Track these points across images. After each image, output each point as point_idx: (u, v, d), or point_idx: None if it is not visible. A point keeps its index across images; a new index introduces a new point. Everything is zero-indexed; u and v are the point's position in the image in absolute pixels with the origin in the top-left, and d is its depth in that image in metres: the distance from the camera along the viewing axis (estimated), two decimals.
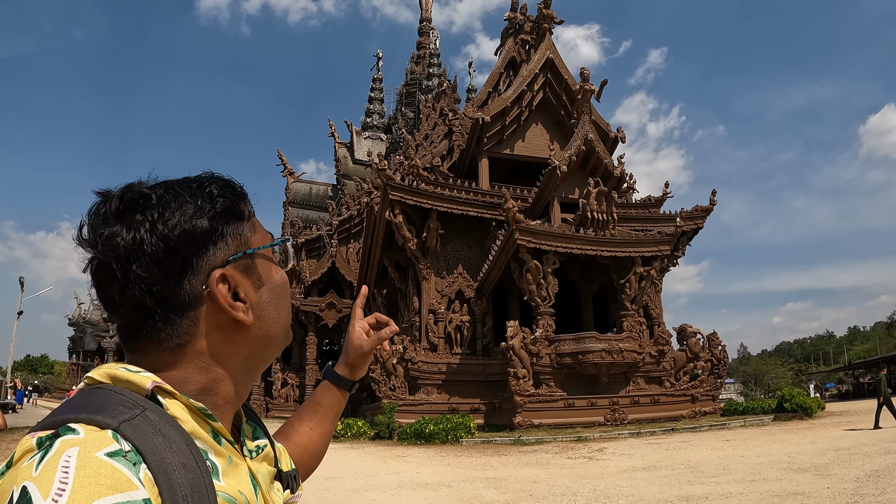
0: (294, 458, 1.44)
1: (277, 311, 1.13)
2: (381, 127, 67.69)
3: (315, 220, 55.98)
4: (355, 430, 24.84)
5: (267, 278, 1.13)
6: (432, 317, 29.16)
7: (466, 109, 36.35)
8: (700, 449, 16.47)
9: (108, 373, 0.98)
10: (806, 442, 16.41)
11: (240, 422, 1.19)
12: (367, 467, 15.83)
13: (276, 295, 1.14)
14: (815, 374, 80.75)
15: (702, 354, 27.60)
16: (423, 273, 29.87)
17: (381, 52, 72.90)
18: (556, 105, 34.72)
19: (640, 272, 27.06)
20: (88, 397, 0.93)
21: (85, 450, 0.80)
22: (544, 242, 25.89)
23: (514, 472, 14.12)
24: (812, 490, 9.62)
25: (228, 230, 1.10)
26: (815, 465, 12.06)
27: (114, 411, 0.88)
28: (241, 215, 1.14)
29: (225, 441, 1.03)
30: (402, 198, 28.87)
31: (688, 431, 21.53)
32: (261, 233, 1.17)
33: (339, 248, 48.20)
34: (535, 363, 24.52)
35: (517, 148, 34.51)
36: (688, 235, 32.97)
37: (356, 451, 19.97)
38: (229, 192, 1.13)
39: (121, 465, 0.80)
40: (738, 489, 10.15)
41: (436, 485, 12.39)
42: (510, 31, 38.37)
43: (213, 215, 1.09)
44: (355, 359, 1.65)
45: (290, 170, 61.88)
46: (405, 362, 27.20)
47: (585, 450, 17.82)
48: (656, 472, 12.87)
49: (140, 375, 0.98)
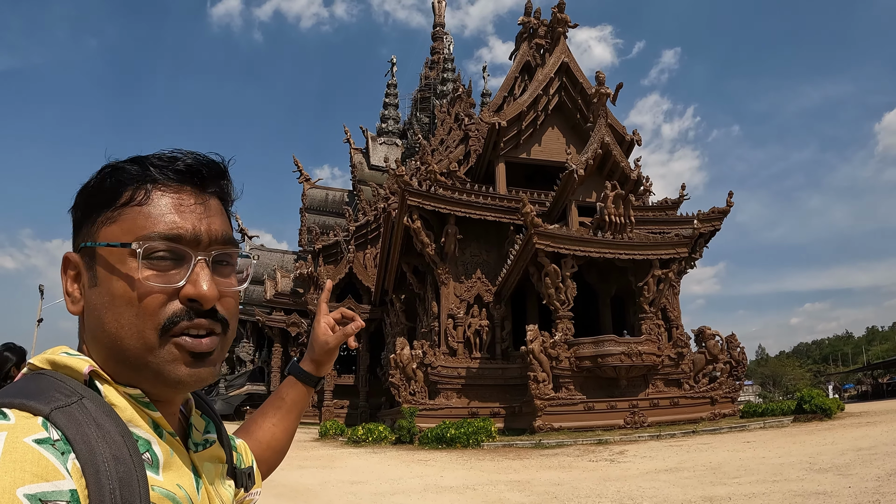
0: (256, 455, 1.44)
1: (118, 322, 0.98)
2: (396, 132, 67.85)
3: (332, 226, 56.16)
4: (376, 434, 25.00)
5: (104, 280, 1.00)
6: (451, 321, 29.27)
7: (482, 114, 36.52)
8: (721, 450, 16.51)
9: (48, 358, 0.98)
10: (826, 442, 16.42)
11: (189, 413, 1.16)
12: (390, 472, 15.95)
13: (112, 303, 0.99)
14: (833, 374, 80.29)
15: (720, 356, 27.58)
16: (442, 278, 30.01)
17: (395, 58, 73.08)
18: (571, 109, 34.80)
19: (657, 275, 27.09)
20: (28, 383, 0.92)
21: (13, 435, 0.79)
22: (562, 246, 25.99)
23: (536, 475, 14.23)
24: (833, 490, 9.70)
25: (94, 214, 1.04)
26: (835, 466, 12.11)
27: (48, 398, 0.87)
28: (110, 200, 1.04)
29: (166, 433, 1.02)
30: (420, 203, 29.06)
31: (708, 433, 21.54)
32: (126, 227, 1.01)
33: (357, 254, 48.33)
34: (555, 367, 24.60)
35: (534, 152, 34.62)
36: (705, 237, 32.91)
37: (378, 456, 20.11)
38: (113, 172, 1.05)
39: (48, 454, 0.79)
40: (760, 489, 10.25)
41: (460, 488, 12.52)
42: (524, 36, 38.51)
43: (85, 193, 1.07)
44: (321, 355, 1.62)
45: (306, 176, 62.09)
46: (425, 367, 27.35)
47: (607, 452, 17.90)
48: (678, 473, 12.96)
49: (77, 359, 0.97)
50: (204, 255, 1.03)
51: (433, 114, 60.92)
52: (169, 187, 1.04)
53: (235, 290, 1.10)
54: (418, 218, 29.39)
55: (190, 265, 1.02)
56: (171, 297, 1.00)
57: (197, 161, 1.08)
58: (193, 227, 1.03)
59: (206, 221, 1.06)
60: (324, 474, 15.41)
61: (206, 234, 1.04)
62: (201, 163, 1.09)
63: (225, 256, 1.09)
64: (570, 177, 28.09)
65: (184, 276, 1.01)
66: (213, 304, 1.02)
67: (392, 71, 72.84)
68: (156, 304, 0.98)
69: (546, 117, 34.38)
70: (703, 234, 32.24)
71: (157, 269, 0.99)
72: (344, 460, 19.02)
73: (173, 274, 1.00)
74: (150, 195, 1.02)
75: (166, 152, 1.08)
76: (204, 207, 1.07)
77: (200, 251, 1.03)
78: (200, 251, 1.03)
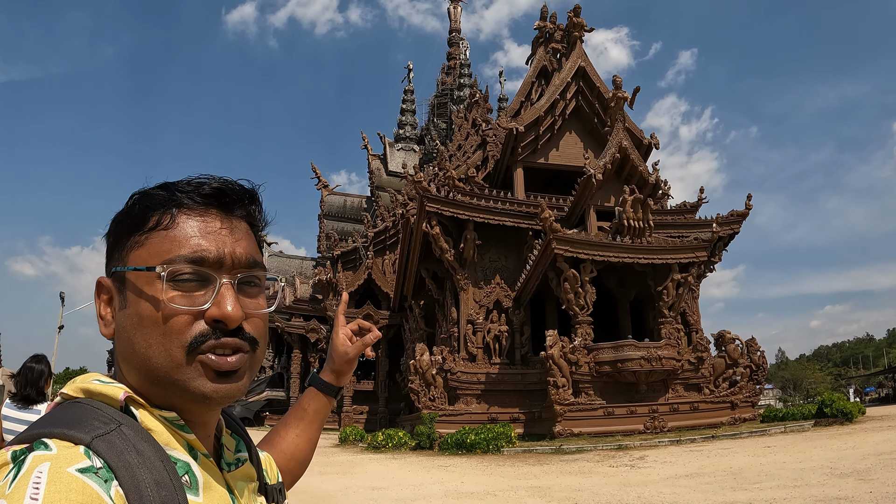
0: (280, 466, 1.45)
1: (146, 342, 1.00)
2: (413, 138, 68.00)
3: (350, 233, 56.29)
4: (396, 440, 25.05)
5: (133, 303, 1.02)
6: (471, 327, 29.32)
7: (500, 120, 36.53)
8: (741, 455, 16.45)
9: (81, 387, 0.99)
10: (847, 447, 16.33)
11: (220, 433, 1.17)
12: (411, 477, 16.01)
13: (140, 324, 1.01)
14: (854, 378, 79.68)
15: (741, 360, 27.40)
16: (461, 284, 30.06)
17: (411, 64, 73.30)
18: (588, 113, 34.79)
19: (677, 279, 27.04)
20: (65, 412, 0.94)
21: (56, 465, 0.80)
22: (581, 251, 26.00)
23: (557, 480, 14.24)
24: (855, 494, 9.68)
25: (123, 239, 1.07)
26: (857, 470, 12.06)
27: (87, 426, 0.88)
28: (138, 225, 1.06)
29: (200, 454, 1.04)
30: (438, 209, 29.14)
31: (728, 438, 21.46)
32: (152, 251, 1.04)
33: (375, 260, 48.44)
34: (574, 372, 24.57)
35: (551, 157, 34.63)
36: (724, 240, 32.78)
37: (398, 462, 20.17)
38: (142, 198, 1.08)
39: (92, 482, 0.80)
40: (781, 494, 10.23)
41: (481, 494, 12.56)
42: (540, 41, 38.50)
43: (116, 220, 1.10)
44: (341, 365, 1.65)
45: (324, 183, 62.28)
46: (444, 373, 27.36)
47: (627, 458, 17.87)
48: (699, 479, 12.94)
49: (112, 387, 0.99)
50: (229, 278, 1.05)
51: (450, 119, 61.01)
52: (195, 211, 1.07)
53: (263, 311, 1.11)
54: (437, 224, 29.47)
55: (215, 287, 1.03)
56: (197, 318, 1.01)
57: (224, 185, 1.10)
58: (217, 250, 1.04)
59: (231, 244, 1.07)
60: (345, 480, 15.49)
61: (230, 257, 1.06)
62: (228, 187, 1.11)
63: (251, 278, 1.10)
64: (588, 181, 28.10)
65: (209, 297, 1.02)
66: (237, 324, 1.03)
67: (409, 77, 73.08)
68: (181, 324, 1.00)
69: (563, 122, 34.39)
70: (723, 237, 32.11)
71: (182, 291, 1.01)
72: (364, 466, 19.10)
73: (199, 295, 1.02)
74: (175, 219, 1.05)
75: (195, 177, 1.10)
76: (230, 231, 1.08)
77: (225, 273, 1.05)
78: (225, 273, 1.05)
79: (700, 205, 34.70)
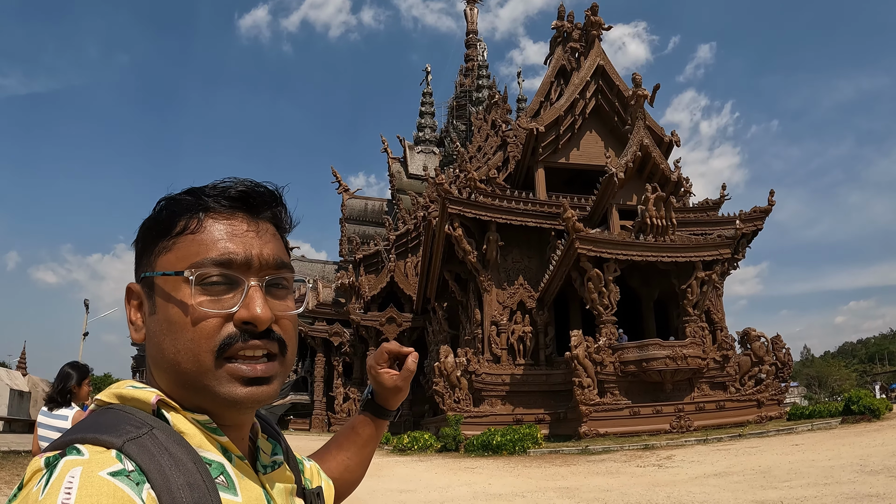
0: None
1: (175, 346, 1.01)
2: (433, 141, 68.12)
3: (372, 236, 56.48)
4: (422, 442, 25.12)
5: (162, 308, 1.03)
6: (494, 328, 29.32)
7: (520, 120, 36.60)
8: (769, 454, 16.37)
9: (115, 392, 1.01)
10: (876, 444, 16.20)
11: (256, 436, 1.18)
12: (438, 480, 16.06)
13: (170, 329, 1.02)
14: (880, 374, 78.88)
15: (766, 358, 27.21)
16: (484, 285, 30.07)
17: (429, 67, 73.52)
18: (609, 112, 34.73)
19: (701, 277, 26.92)
20: (97, 418, 0.95)
21: (88, 469, 0.81)
22: (604, 251, 25.96)
23: (584, 481, 14.24)
24: (886, 491, 9.62)
25: (151, 245, 1.08)
26: (887, 467, 11.97)
27: (119, 430, 0.89)
28: (166, 230, 1.07)
29: (234, 457, 1.04)
30: (460, 211, 29.18)
31: (755, 437, 21.34)
32: (180, 255, 1.04)
33: (397, 263, 48.55)
34: (599, 372, 24.55)
35: (572, 157, 34.60)
36: (747, 237, 32.59)
37: (425, 464, 20.23)
38: (169, 204, 1.10)
39: (123, 485, 0.81)
40: (811, 493, 10.19)
41: (509, 496, 12.58)
42: (558, 40, 38.50)
43: (144, 226, 1.11)
44: (395, 392, 1.61)
45: (344, 187, 62.55)
46: (469, 374, 27.39)
47: (654, 458, 17.83)
48: (728, 478, 12.90)
49: (144, 391, 1.00)
50: (257, 280, 1.05)
51: (469, 121, 61.11)
52: (221, 214, 1.07)
53: (292, 313, 1.12)
54: (459, 226, 29.51)
55: (243, 290, 1.03)
56: (227, 321, 1.02)
57: (249, 188, 1.11)
58: (244, 253, 1.04)
59: (259, 246, 1.07)
60: (372, 483, 15.52)
61: (258, 259, 1.06)
62: (253, 189, 1.12)
63: (279, 280, 1.10)
64: (609, 180, 28.05)
65: (238, 300, 1.02)
66: (266, 325, 1.03)
67: (427, 80, 73.27)
68: (210, 328, 1.00)
69: (583, 121, 34.35)
70: (746, 234, 31.95)
71: (210, 295, 1.02)
72: (391, 469, 19.14)
73: (227, 299, 1.02)
74: (202, 223, 1.05)
75: (220, 181, 1.11)
76: (256, 233, 1.08)
77: (252, 275, 1.05)
78: (252, 275, 1.05)
79: (722, 202, 34.50)
